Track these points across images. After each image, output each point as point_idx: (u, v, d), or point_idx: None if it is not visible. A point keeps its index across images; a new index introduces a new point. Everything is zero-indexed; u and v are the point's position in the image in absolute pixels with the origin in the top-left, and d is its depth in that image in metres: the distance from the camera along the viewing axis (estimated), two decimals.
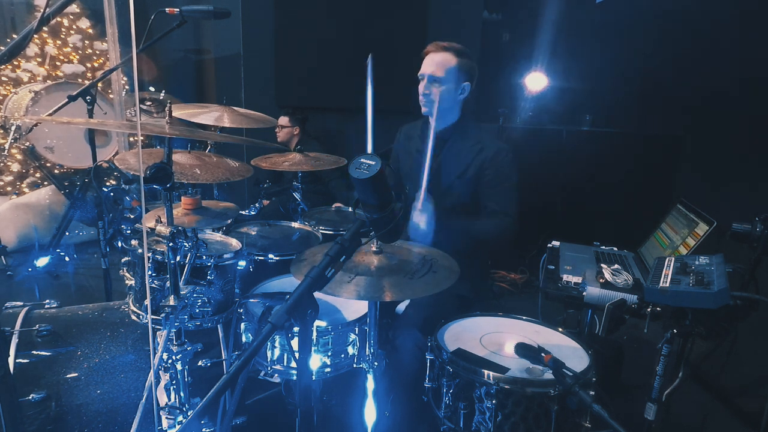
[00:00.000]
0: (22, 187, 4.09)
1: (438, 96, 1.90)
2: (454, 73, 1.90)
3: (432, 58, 1.91)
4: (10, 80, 4.16)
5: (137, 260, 1.69)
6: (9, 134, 3.68)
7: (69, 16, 4.27)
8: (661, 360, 1.43)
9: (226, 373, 0.94)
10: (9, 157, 3.99)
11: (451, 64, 1.89)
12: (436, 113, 1.93)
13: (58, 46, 4.26)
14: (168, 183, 1.29)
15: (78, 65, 4.32)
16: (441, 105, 1.92)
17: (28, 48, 4.04)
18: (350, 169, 1.08)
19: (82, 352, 1.55)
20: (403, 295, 1.31)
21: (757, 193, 2.64)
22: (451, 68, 1.89)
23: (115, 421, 1.49)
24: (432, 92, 1.90)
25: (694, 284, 1.32)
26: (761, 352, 2.16)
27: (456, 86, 1.92)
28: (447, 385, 1.43)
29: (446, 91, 1.90)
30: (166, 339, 1.40)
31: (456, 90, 1.93)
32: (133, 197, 1.56)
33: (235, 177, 1.62)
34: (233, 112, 2.19)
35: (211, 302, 1.54)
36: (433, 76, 1.89)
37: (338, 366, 1.59)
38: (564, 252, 2.02)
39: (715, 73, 3.22)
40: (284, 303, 0.94)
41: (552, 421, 1.32)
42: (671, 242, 1.97)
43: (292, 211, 2.59)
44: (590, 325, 1.98)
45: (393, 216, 1.13)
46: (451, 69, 1.89)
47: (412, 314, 1.84)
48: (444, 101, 1.92)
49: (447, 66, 1.89)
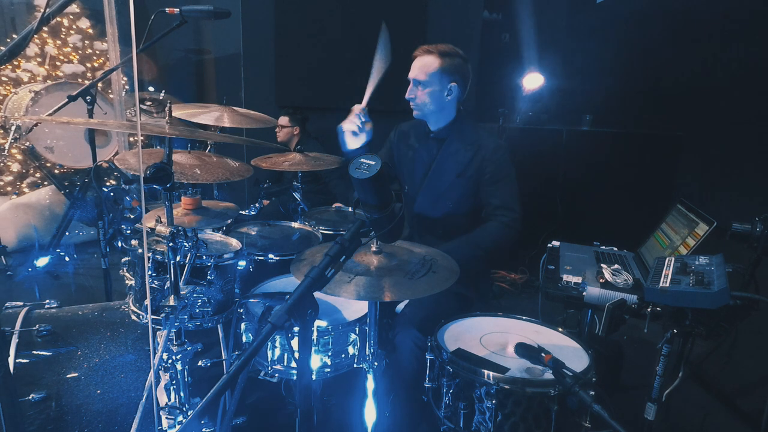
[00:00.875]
0: (22, 187, 4.09)
1: (423, 99, 1.92)
2: (437, 75, 1.90)
3: (416, 63, 1.94)
4: (10, 80, 4.15)
5: (137, 260, 1.69)
6: (9, 134, 3.68)
7: (69, 16, 4.27)
8: (661, 360, 1.43)
9: (226, 373, 0.94)
10: (9, 157, 3.99)
11: (434, 67, 1.90)
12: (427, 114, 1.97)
13: (58, 46, 4.26)
14: (168, 183, 1.29)
15: (78, 65, 4.32)
16: (429, 107, 1.94)
17: (28, 48, 4.04)
18: (350, 169, 1.08)
19: (82, 352, 1.55)
20: (403, 296, 1.31)
21: (757, 193, 2.64)
22: (433, 72, 1.90)
23: (115, 421, 1.49)
24: (417, 96, 1.94)
25: (694, 284, 1.32)
26: (761, 352, 2.16)
27: (441, 88, 1.92)
28: (447, 385, 1.43)
29: (431, 93, 1.92)
30: (166, 339, 1.40)
31: (442, 92, 1.93)
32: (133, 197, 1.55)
33: (235, 177, 1.62)
34: (233, 112, 2.18)
35: (211, 302, 1.54)
36: (416, 80, 1.93)
37: (338, 366, 1.59)
38: (564, 252, 2.02)
39: (715, 73, 3.22)
40: (284, 303, 0.95)
41: (552, 421, 1.32)
42: (671, 242, 1.97)
43: (292, 211, 2.59)
44: (590, 325, 1.98)
45: (393, 216, 1.13)
46: (433, 72, 1.90)
47: (411, 313, 1.84)
48: (430, 104, 1.94)
49: (429, 69, 1.90)
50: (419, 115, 1.99)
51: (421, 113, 1.98)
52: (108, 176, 4.19)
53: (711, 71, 3.26)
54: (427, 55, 1.91)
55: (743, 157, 2.90)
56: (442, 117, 1.99)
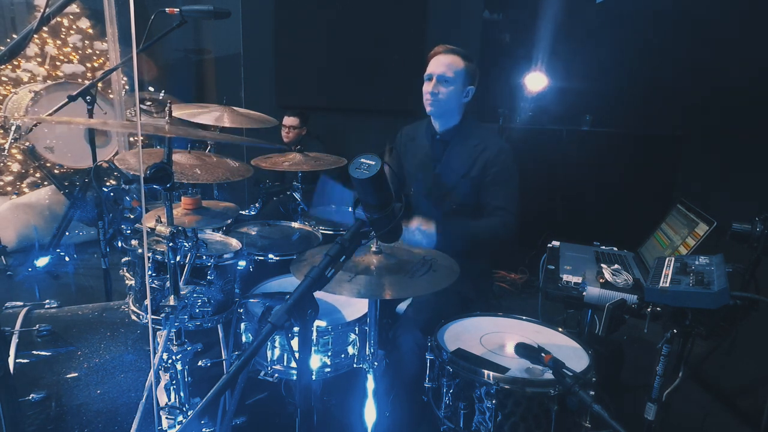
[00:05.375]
0: (22, 187, 4.09)
1: (446, 96, 1.92)
2: (462, 75, 1.93)
3: (440, 60, 1.93)
4: (10, 80, 4.15)
5: (137, 260, 1.69)
6: (9, 134, 3.67)
7: (69, 16, 4.27)
8: (661, 360, 1.43)
9: (226, 373, 0.94)
10: (9, 157, 3.99)
11: (460, 67, 1.92)
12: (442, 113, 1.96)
13: (58, 46, 4.26)
14: (168, 183, 1.29)
15: (78, 65, 4.32)
16: (447, 105, 1.95)
17: (28, 48, 4.04)
18: (350, 169, 1.08)
19: (82, 352, 1.55)
20: (403, 294, 1.32)
21: (757, 193, 2.64)
22: (459, 70, 1.92)
23: (115, 421, 1.49)
24: (440, 92, 1.93)
25: (694, 284, 1.32)
26: (761, 352, 2.16)
27: (462, 88, 1.95)
28: (447, 385, 1.43)
29: (453, 92, 1.93)
30: (166, 339, 1.40)
31: (462, 92, 1.96)
32: (133, 197, 1.55)
33: (235, 177, 1.62)
34: (233, 112, 2.18)
35: (211, 302, 1.54)
36: (442, 76, 1.92)
37: (338, 366, 1.59)
38: (564, 252, 2.02)
39: (715, 72, 3.22)
40: (284, 303, 0.94)
41: (552, 421, 1.32)
42: (671, 242, 1.97)
43: (292, 211, 2.59)
44: (590, 325, 1.98)
45: (393, 216, 1.13)
46: (459, 71, 1.92)
47: (414, 314, 1.85)
48: (450, 102, 1.95)
49: (456, 68, 1.92)
50: (434, 112, 1.99)
51: (437, 111, 1.98)
52: (108, 176, 4.19)
53: (711, 71, 3.25)
54: (451, 54, 1.93)
55: (743, 157, 2.90)
56: (452, 118, 2.02)
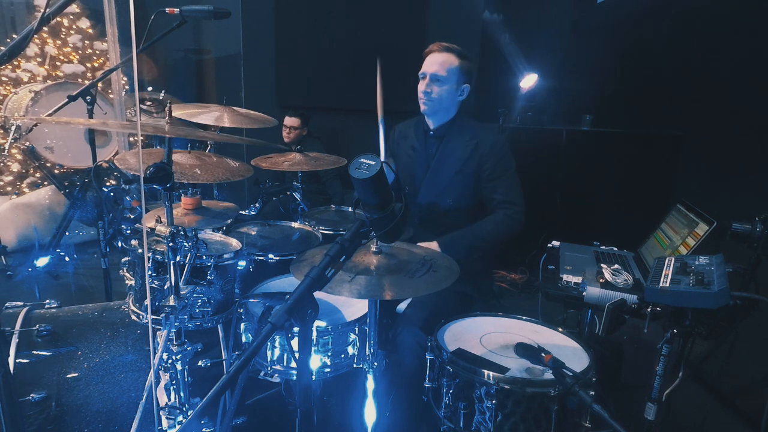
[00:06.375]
0: (22, 187, 4.09)
1: (438, 95, 1.91)
2: (456, 73, 1.92)
3: (434, 58, 1.92)
4: (10, 80, 4.16)
5: (137, 260, 1.69)
6: (9, 134, 3.67)
7: (69, 16, 4.27)
8: (661, 360, 1.43)
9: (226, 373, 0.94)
10: (9, 157, 3.99)
11: (454, 65, 1.91)
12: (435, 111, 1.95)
13: (58, 46, 4.26)
14: (168, 183, 1.29)
15: (78, 65, 4.32)
16: (441, 104, 1.94)
17: (28, 48, 4.04)
18: (350, 169, 1.08)
19: (82, 352, 1.55)
20: (404, 294, 1.31)
21: (757, 193, 2.64)
22: (453, 68, 1.91)
23: (115, 421, 1.49)
24: (433, 90, 1.92)
25: (694, 284, 1.32)
26: (761, 352, 2.16)
27: (457, 87, 1.94)
28: (447, 385, 1.43)
29: (447, 90, 1.93)
30: (166, 339, 1.40)
31: (456, 91, 1.95)
32: (133, 197, 1.55)
33: (235, 177, 1.62)
34: (233, 112, 2.18)
35: (211, 302, 1.54)
36: (435, 75, 1.91)
37: (338, 366, 1.59)
38: (564, 252, 2.01)
39: (715, 72, 3.22)
40: (284, 303, 0.94)
41: (552, 421, 1.32)
42: (671, 242, 1.97)
43: (292, 211, 2.59)
44: (590, 325, 1.98)
45: (393, 216, 1.13)
46: (453, 69, 1.91)
47: (414, 313, 1.85)
48: (444, 100, 1.94)
49: (450, 66, 1.91)
50: (427, 110, 1.99)
51: (431, 109, 1.97)
52: (108, 176, 4.19)
53: (711, 71, 3.25)
54: (446, 52, 1.92)
55: (743, 157, 2.90)
56: (446, 115, 2.01)
